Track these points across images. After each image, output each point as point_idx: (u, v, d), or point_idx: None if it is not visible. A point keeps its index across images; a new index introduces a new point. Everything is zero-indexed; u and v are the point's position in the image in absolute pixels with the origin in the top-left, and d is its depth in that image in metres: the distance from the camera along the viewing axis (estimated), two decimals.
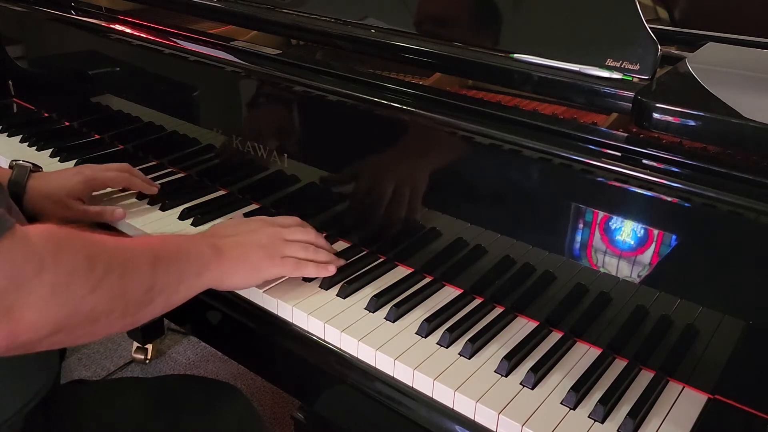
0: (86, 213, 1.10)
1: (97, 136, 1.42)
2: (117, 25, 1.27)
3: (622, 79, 0.83)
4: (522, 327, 0.89)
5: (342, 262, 0.98)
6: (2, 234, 0.60)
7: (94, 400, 0.97)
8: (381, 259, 1.02)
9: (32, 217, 1.06)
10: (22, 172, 1.08)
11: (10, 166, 1.10)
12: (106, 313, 0.70)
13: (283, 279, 0.96)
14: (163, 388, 1.03)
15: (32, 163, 1.10)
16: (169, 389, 1.03)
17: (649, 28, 0.81)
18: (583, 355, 0.85)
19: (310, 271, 0.94)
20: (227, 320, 1.00)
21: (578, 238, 0.82)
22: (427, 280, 0.98)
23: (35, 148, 1.36)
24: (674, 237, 0.76)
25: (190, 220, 1.09)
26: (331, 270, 0.95)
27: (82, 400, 0.96)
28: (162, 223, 1.10)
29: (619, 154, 0.78)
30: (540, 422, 0.74)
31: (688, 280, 0.78)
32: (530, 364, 0.81)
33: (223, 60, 1.11)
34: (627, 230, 0.78)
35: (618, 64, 0.83)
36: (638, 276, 0.80)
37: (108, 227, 1.12)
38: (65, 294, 0.65)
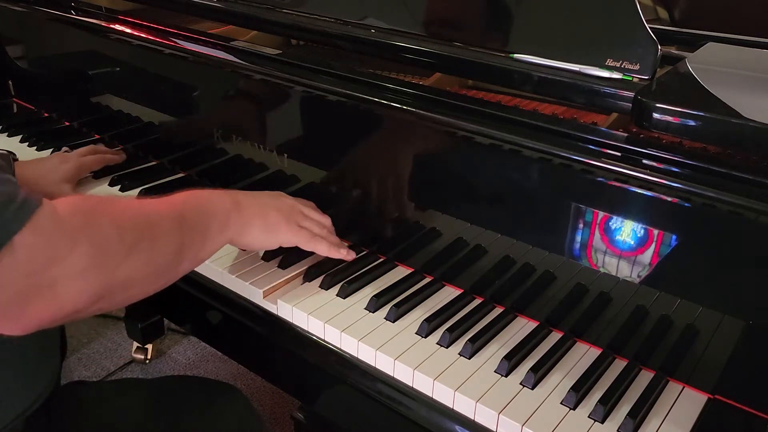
0: None
1: (97, 136, 1.42)
2: (117, 25, 1.27)
3: (622, 79, 0.83)
4: (522, 327, 0.89)
5: (353, 254, 0.97)
6: (33, 212, 0.61)
7: (94, 401, 0.97)
8: (381, 259, 1.02)
9: None
10: (7, 161, 1.08)
11: None
12: (141, 278, 0.72)
13: (284, 279, 0.96)
14: (163, 389, 1.03)
15: (8, 150, 1.10)
16: (168, 390, 1.03)
17: (649, 28, 0.81)
18: (583, 355, 0.85)
19: (323, 248, 0.93)
20: (227, 320, 1.00)
21: (578, 238, 0.82)
22: (427, 280, 0.98)
23: (35, 148, 1.36)
24: (674, 237, 0.76)
25: None
26: (342, 253, 0.94)
27: (83, 401, 0.96)
28: None
29: (619, 154, 0.77)
30: (540, 422, 0.74)
31: (688, 280, 0.78)
32: (530, 364, 0.81)
33: (223, 60, 1.11)
34: (627, 230, 0.78)
35: (618, 64, 0.83)
36: (638, 276, 0.80)
37: None
38: (101, 264, 0.66)
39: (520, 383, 0.79)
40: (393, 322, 0.89)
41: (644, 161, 0.76)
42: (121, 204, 0.74)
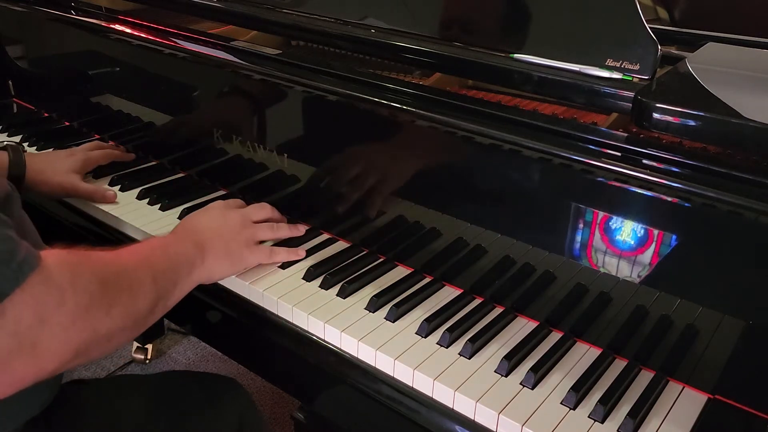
0: (78, 189, 1.14)
1: (97, 136, 1.42)
2: (117, 25, 1.27)
3: (622, 79, 0.83)
4: (522, 327, 0.89)
5: (302, 228, 1.03)
6: (29, 274, 0.61)
7: (95, 399, 0.97)
8: (381, 259, 1.02)
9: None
10: (18, 153, 1.10)
11: (1, 148, 1.11)
12: (120, 330, 0.73)
13: (284, 279, 0.96)
14: (164, 385, 1.03)
15: (16, 142, 1.12)
16: (169, 386, 1.03)
17: (649, 28, 0.81)
18: (583, 355, 0.85)
19: (283, 257, 0.99)
20: (227, 320, 1.00)
21: (578, 238, 0.82)
22: (427, 280, 0.98)
23: (35, 148, 1.36)
24: (674, 237, 0.76)
25: None
26: (300, 254, 1.00)
27: (83, 400, 0.95)
28: (162, 223, 1.10)
29: (619, 154, 0.77)
30: (540, 422, 0.74)
31: (688, 280, 0.78)
32: (530, 364, 0.81)
33: (223, 60, 1.11)
34: (627, 230, 0.78)
35: (618, 64, 0.83)
36: (638, 276, 0.80)
37: (108, 235, 1.13)
38: (84, 320, 0.67)
39: (520, 383, 0.79)
40: (393, 322, 0.89)
41: (644, 161, 0.76)
42: (103, 257, 0.75)
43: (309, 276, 0.96)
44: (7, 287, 0.60)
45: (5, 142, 1.12)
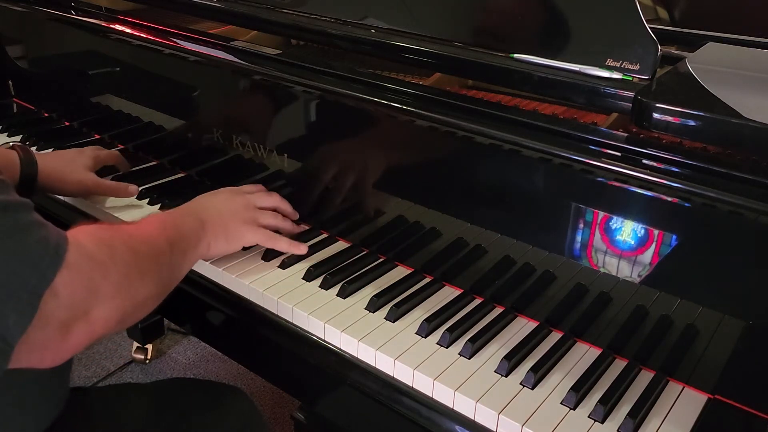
0: (101, 186, 1.15)
1: (97, 136, 1.42)
2: (117, 25, 1.27)
3: (622, 79, 0.83)
4: (522, 327, 0.89)
5: (305, 248, 1.01)
6: (66, 252, 0.65)
7: (98, 407, 0.97)
8: (381, 259, 1.02)
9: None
10: (29, 153, 1.10)
11: (9, 148, 1.10)
12: (151, 297, 0.77)
13: (284, 279, 0.96)
14: (168, 393, 1.02)
15: (23, 144, 1.12)
16: (173, 393, 1.03)
17: (649, 28, 0.81)
18: (583, 355, 0.85)
19: (283, 246, 0.99)
20: (227, 320, 1.00)
21: (578, 238, 0.82)
22: (427, 280, 0.98)
23: (35, 148, 1.36)
24: (674, 237, 0.76)
25: None
26: (302, 249, 1.00)
27: (87, 409, 0.95)
28: None
29: (619, 154, 0.77)
30: (540, 422, 0.74)
31: (688, 280, 0.78)
32: (530, 364, 0.81)
33: (223, 60, 1.11)
34: (627, 230, 0.78)
35: (618, 64, 0.83)
36: (638, 276, 0.80)
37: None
38: (126, 288, 0.72)
39: (520, 383, 0.79)
40: (393, 322, 0.89)
41: (644, 161, 0.76)
42: (127, 229, 0.80)
43: (309, 276, 0.96)
44: (52, 269, 0.63)
45: (11, 143, 1.12)
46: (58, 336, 0.65)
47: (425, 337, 0.86)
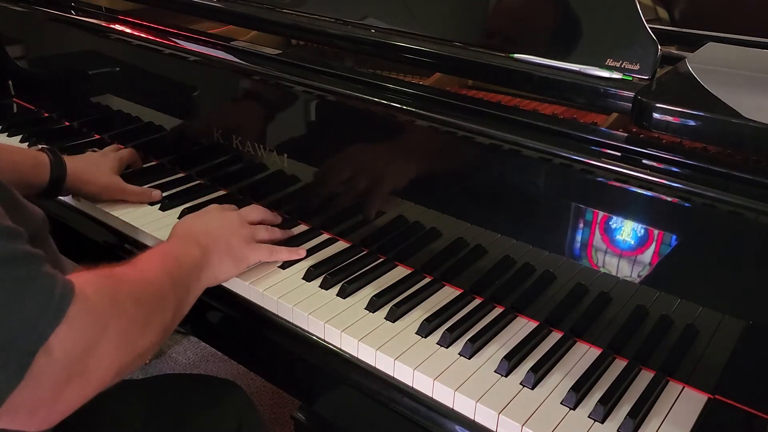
0: (125, 191, 1.14)
1: (97, 136, 1.42)
2: (117, 25, 1.27)
3: (622, 79, 0.83)
4: (522, 327, 0.89)
5: (303, 252, 1.01)
6: (69, 306, 0.62)
7: (94, 403, 0.97)
8: (381, 259, 1.02)
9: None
10: (57, 155, 1.10)
11: (40, 150, 1.11)
12: (153, 345, 0.74)
13: (284, 279, 0.96)
14: (163, 388, 1.02)
15: (51, 147, 1.13)
16: (169, 389, 1.03)
17: (649, 28, 0.81)
18: (583, 355, 0.85)
19: (284, 256, 0.99)
20: (227, 320, 1.00)
21: (578, 237, 0.82)
22: (427, 280, 0.98)
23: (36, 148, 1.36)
24: (674, 237, 0.76)
25: None
26: (301, 253, 1.00)
27: (83, 405, 0.95)
28: (162, 223, 1.10)
29: (619, 154, 0.77)
30: (540, 422, 0.74)
31: (688, 280, 0.78)
32: (530, 364, 0.81)
33: (223, 60, 1.11)
34: (627, 230, 0.78)
35: (618, 64, 0.83)
36: (638, 276, 0.80)
37: (108, 233, 1.13)
38: (126, 342, 0.68)
39: (520, 383, 0.79)
40: (393, 322, 0.89)
41: (644, 161, 0.76)
42: (129, 275, 0.76)
43: (309, 276, 0.96)
44: (51, 325, 0.60)
45: (41, 146, 1.13)
46: (50, 396, 0.61)
47: (425, 337, 0.86)
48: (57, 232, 0.91)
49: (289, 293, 0.93)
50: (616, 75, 0.83)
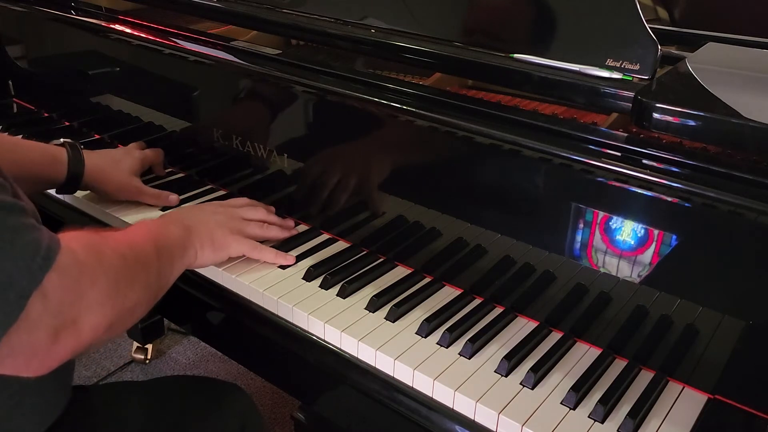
0: (142, 193, 1.14)
1: (97, 136, 1.42)
2: (117, 25, 1.27)
3: (622, 79, 0.83)
4: (522, 327, 0.89)
5: (291, 222, 1.03)
6: (56, 256, 0.64)
7: (98, 406, 0.97)
8: (381, 259, 1.02)
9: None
10: (77, 151, 1.11)
11: (58, 144, 1.11)
12: (140, 303, 0.76)
13: (284, 279, 0.96)
14: (167, 390, 1.02)
15: (72, 140, 1.13)
16: (172, 391, 1.03)
17: (649, 28, 0.81)
18: (583, 355, 0.85)
19: (269, 257, 0.99)
20: (227, 320, 1.00)
21: (578, 238, 0.82)
22: (427, 280, 0.98)
23: None
24: (674, 237, 0.76)
25: None
26: (289, 260, 1.00)
27: (86, 407, 0.95)
28: None
29: (619, 154, 0.77)
30: (540, 422, 0.74)
31: (688, 280, 0.78)
32: (530, 364, 0.81)
33: (223, 60, 1.11)
34: (627, 230, 0.78)
35: (618, 64, 0.83)
36: (638, 276, 0.80)
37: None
38: (115, 295, 0.71)
39: (520, 383, 0.79)
40: (393, 322, 0.89)
41: (644, 161, 0.76)
42: (115, 236, 0.79)
43: (309, 276, 0.96)
44: (42, 270, 0.63)
45: (62, 140, 1.12)
46: (46, 342, 0.64)
47: (425, 337, 0.86)
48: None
49: (289, 293, 0.93)
50: (616, 75, 0.83)
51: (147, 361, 2.05)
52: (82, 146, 1.13)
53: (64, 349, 0.66)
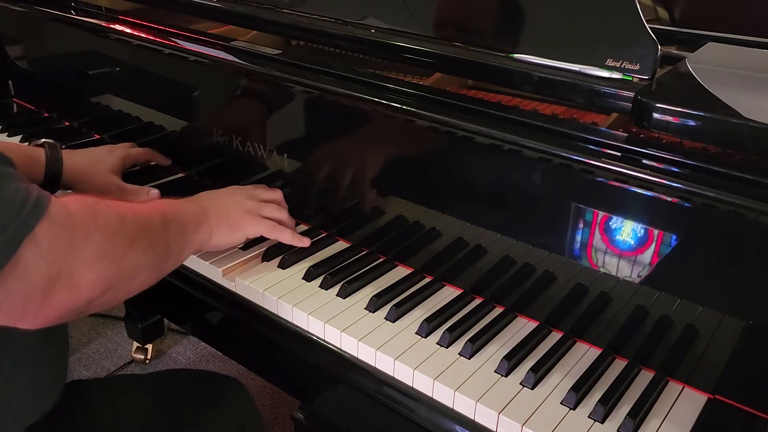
0: (124, 191, 1.14)
1: (97, 136, 1.42)
2: (117, 25, 1.27)
3: (622, 79, 0.83)
4: (522, 327, 0.89)
5: (308, 241, 1.02)
6: (47, 206, 0.64)
7: (97, 399, 0.97)
8: (381, 259, 1.02)
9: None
10: (55, 150, 1.10)
11: (38, 145, 1.11)
12: (142, 267, 0.76)
13: (284, 279, 0.96)
14: (166, 385, 1.03)
15: (53, 141, 1.12)
16: (171, 385, 1.03)
17: (649, 28, 0.81)
18: (583, 355, 0.85)
19: (287, 237, 0.99)
20: (227, 320, 1.00)
21: (578, 237, 0.82)
22: (427, 280, 0.98)
23: None
24: (674, 237, 0.76)
25: None
26: (305, 242, 1.00)
27: (85, 400, 0.96)
28: None
29: (619, 154, 0.77)
30: (540, 422, 0.74)
31: (688, 280, 0.78)
32: (530, 364, 0.81)
33: (223, 60, 1.11)
34: (627, 230, 0.78)
35: (618, 64, 0.83)
36: (638, 276, 0.80)
37: None
38: (112, 251, 0.70)
39: (520, 383, 0.79)
40: (393, 322, 0.89)
41: (644, 161, 0.76)
42: (115, 202, 0.78)
43: (309, 276, 0.96)
44: (35, 217, 0.63)
45: (42, 140, 1.12)
46: (40, 292, 0.64)
47: (425, 337, 0.86)
48: None
49: (289, 293, 0.93)
50: (616, 75, 0.83)
51: (147, 361, 2.05)
52: (63, 146, 1.12)
53: (59, 302, 0.66)
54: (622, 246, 0.79)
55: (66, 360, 0.93)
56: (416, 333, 0.87)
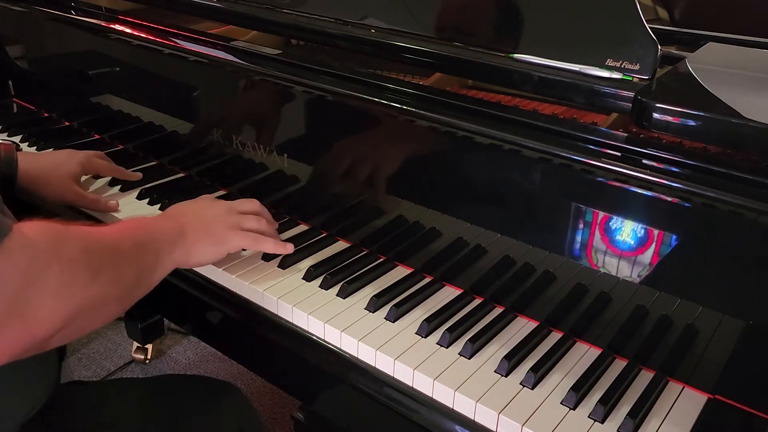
0: (83, 198, 1.11)
1: (97, 136, 1.42)
2: (117, 25, 1.27)
3: (622, 79, 0.83)
4: (522, 327, 0.89)
5: (292, 247, 0.99)
6: (4, 237, 0.61)
7: (94, 401, 0.97)
8: (381, 259, 1.02)
9: (18, 201, 1.07)
10: (10, 152, 1.07)
11: None
12: (106, 300, 0.73)
13: (284, 279, 0.96)
14: (162, 388, 1.03)
15: (11, 141, 1.10)
16: (167, 389, 1.03)
17: (649, 28, 0.81)
18: (583, 355, 0.85)
19: (269, 247, 0.97)
20: (227, 320, 1.00)
21: (578, 238, 0.82)
22: (427, 280, 0.98)
23: (35, 148, 1.36)
24: (674, 237, 0.76)
25: None
26: (289, 248, 0.98)
27: (82, 402, 0.95)
28: None
29: (619, 154, 0.77)
30: (540, 422, 0.74)
31: (688, 280, 0.78)
32: (530, 364, 0.81)
33: (223, 60, 1.11)
34: (627, 230, 0.78)
35: (618, 64, 0.83)
36: (638, 276, 0.80)
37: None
38: (71, 286, 0.67)
39: (520, 383, 0.79)
40: (393, 322, 0.89)
41: (644, 161, 0.76)
42: (85, 229, 0.75)
43: (309, 276, 0.96)
44: None
45: (2, 140, 1.11)
46: None
47: (425, 337, 0.86)
48: None
49: (289, 293, 0.93)
50: (616, 75, 0.83)
51: (147, 361, 2.05)
52: (20, 148, 1.10)
53: (11, 340, 0.62)
54: (622, 246, 0.79)
55: (56, 357, 0.93)
56: (416, 333, 0.87)
